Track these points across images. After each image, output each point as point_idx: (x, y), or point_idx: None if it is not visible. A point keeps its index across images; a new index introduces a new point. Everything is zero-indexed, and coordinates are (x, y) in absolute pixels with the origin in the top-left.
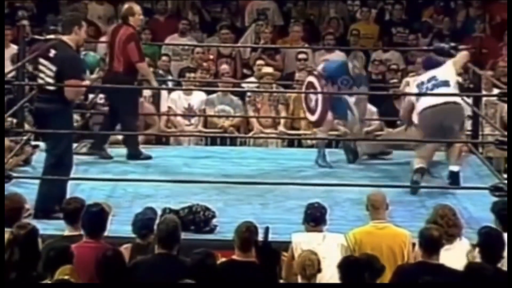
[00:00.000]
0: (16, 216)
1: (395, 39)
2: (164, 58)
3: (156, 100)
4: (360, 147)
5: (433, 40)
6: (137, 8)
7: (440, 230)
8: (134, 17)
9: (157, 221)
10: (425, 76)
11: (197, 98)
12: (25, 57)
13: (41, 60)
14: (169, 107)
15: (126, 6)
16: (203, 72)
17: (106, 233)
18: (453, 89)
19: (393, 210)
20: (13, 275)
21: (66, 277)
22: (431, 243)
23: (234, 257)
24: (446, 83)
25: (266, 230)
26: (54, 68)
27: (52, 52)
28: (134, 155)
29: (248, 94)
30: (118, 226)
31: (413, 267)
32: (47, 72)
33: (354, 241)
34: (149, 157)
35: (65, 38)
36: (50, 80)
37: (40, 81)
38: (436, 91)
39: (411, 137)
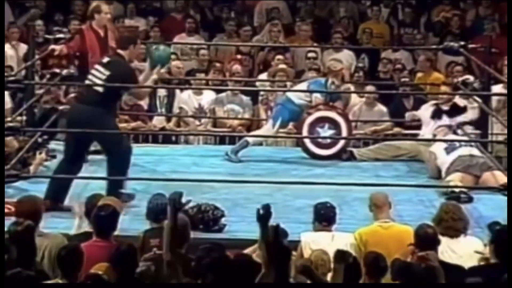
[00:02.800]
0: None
1: (404, 38)
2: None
3: (170, 100)
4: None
5: (443, 39)
6: (104, 6)
7: (435, 228)
8: (100, 15)
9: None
10: None
11: (208, 97)
12: (34, 56)
13: (95, 66)
14: (181, 108)
15: (94, 3)
16: (215, 72)
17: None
18: None
19: (402, 209)
20: (9, 272)
21: (99, 272)
22: (426, 241)
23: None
24: None
25: (276, 228)
26: (107, 73)
27: (106, 59)
28: None
29: (261, 93)
30: (127, 224)
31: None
32: (98, 75)
33: (360, 240)
34: None
35: (120, 51)
36: (100, 83)
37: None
38: None
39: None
